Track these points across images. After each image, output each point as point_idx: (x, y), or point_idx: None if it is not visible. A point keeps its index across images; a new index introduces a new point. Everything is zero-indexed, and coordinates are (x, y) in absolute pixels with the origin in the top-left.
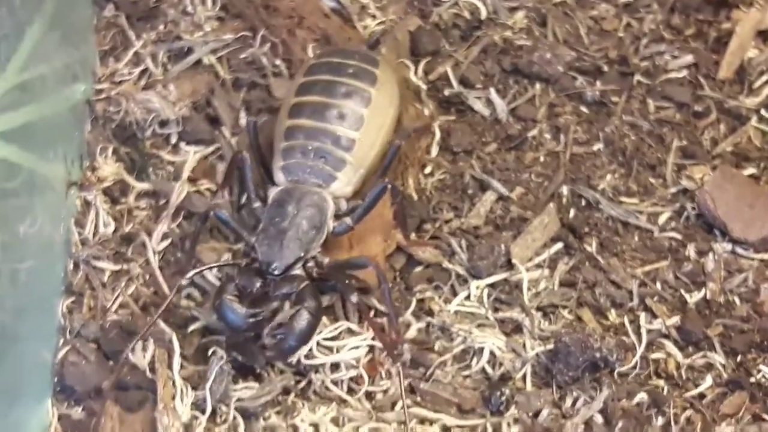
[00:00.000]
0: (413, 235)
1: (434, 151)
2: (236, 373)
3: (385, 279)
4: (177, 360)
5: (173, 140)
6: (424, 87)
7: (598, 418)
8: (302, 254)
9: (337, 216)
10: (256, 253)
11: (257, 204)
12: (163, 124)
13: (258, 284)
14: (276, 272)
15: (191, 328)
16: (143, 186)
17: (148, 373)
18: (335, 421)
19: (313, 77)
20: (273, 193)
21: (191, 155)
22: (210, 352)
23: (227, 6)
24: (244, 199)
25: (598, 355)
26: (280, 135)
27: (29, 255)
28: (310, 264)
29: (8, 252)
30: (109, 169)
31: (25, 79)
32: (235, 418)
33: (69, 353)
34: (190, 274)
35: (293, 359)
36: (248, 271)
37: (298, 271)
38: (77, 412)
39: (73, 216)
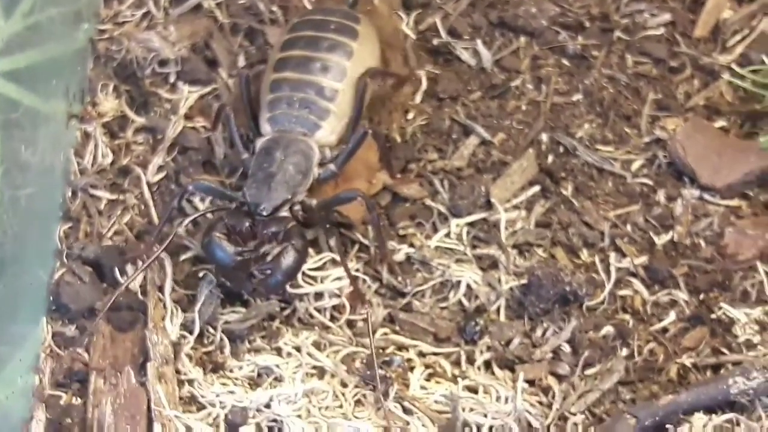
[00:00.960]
0: (398, 175)
1: (419, 97)
2: (224, 299)
3: (373, 207)
4: (169, 283)
5: (171, 79)
6: (413, 37)
7: (566, 348)
8: (289, 197)
9: (322, 164)
10: (245, 196)
11: (245, 155)
12: (163, 63)
13: (246, 224)
14: (264, 213)
15: (183, 256)
16: (141, 121)
17: (139, 295)
18: (317, 345)
19: (297, 33)
20: (260, 142)
21: (188, 94)
22: (200, 276)
23: None
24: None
25: (568, 288)
26: (266, 88)
27: (30, 182)
28: (297, 207)
29: (10, 178)
30: (109, 104)
31: (32, 21)
32: (221, 339)
33: (65, 274)
34: (186, 221)
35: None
36: (237, 212)
37: (285, 213)
38: (71, 330)
39: (72, 147)
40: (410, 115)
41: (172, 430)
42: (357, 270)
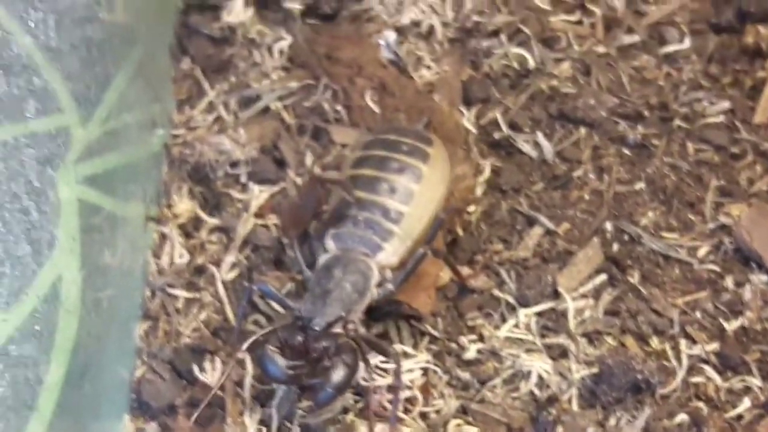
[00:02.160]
0: (465, 269)
1: (480, 189)
2: (301, 393)
3: (399, 380)
4: (248, 379)
5: (243, 180)
6: (474, 131)
7: None
8: (343, 314)
9: (380, 284)
10: (300, 310)
11: (308, 273)
12: (234, 165)
13: (299, 338)
14: (316, 327)
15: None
16: (215, 222)
17: (218, 391)
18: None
19: (368, 152)
20: (322, 259)
21: (258, 193)
22: None
23: (292, 57)
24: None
25: (640, 377)
26: (334, 205)
27: (110, 283)
28: (351, 326)
29: (91, 281)
30: (183, 206)
31: (109, 128)
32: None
33: (146, 372)
34: (246, 344)
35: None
36: (291, 327)
37: (338, 330)
38: (152, 427)
39: (150, 248)
40: (471, 208)
41: None
42: (428, 362)
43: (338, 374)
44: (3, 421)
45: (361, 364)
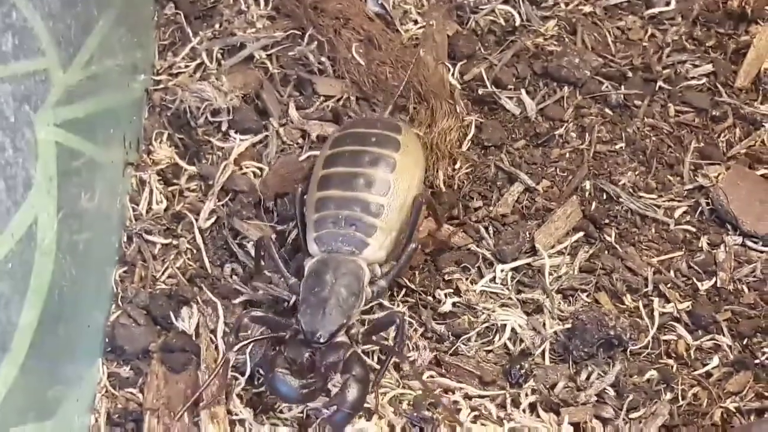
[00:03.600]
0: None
1: (465, 146)
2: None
3: (402, 335)
4: (221, 327)
5: (224, 128)
6: (458, 87)
7: (610, 391)
8: (344, 321)
9: (372, 281)
10: (299, 324)
11: (292, 280)
12: (215, 113)
13: (306, 355)
14: (321, 340)
15: (235, 301)
16: (194, 169)
17: (193, 338)
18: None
19: (338, 149)
20: (309, 263)
21: (239, 142)
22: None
23: (278, 6)
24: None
25: (612, 333)
26: (311, 207)
27: (87, 227)
28: (353, 331)
29: (68, 224)
30: (163, 153)
31: (91, 72)
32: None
33: (120, 317)
34: (237, 347)
35: None
36: (295, 343)
37: (341, 338)
38: (125, 371)
39: (128, 193)
40: (457, 165)
41: None
42: (403, 314)
43: (351, 394)
44: None
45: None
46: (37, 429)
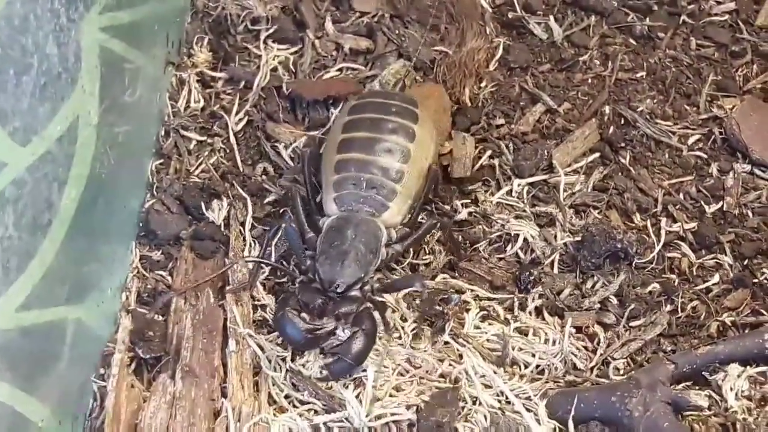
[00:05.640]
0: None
1: (492, 66)
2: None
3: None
4: (249, 220)
5: (261, 37)
6: (489, 10)
7: (614, 300)
8: (362, 275)
9: (388, 244)
10: (317, 272)
11: (310, 234)
12: (255, 21)
13: (319, 301)
14: (338, 290)
15: (267, 199)
16: (231, 73)
17: (221, 228)
18: (380, 282)
19: (359, 115)
20: (328, 220)
21: (276, 51)
22: (280, 214)
23: None
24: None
25: (619, 246)
26: (330, 168)
27: (127, 121)
28: (367, 287)
29: (110, 118)
30: (203, 56)
31: None
32: (293, 270)
33: (155, 204)
34: (250, 258)
35: None
36: (309, 288)
37: (356, 292)
38: (157, 255)
39: (168, 91)
40: (483, 83)
41: (245, 347)
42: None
43: (357, 344)
44: (18, 240)
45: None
46: (74, 305)
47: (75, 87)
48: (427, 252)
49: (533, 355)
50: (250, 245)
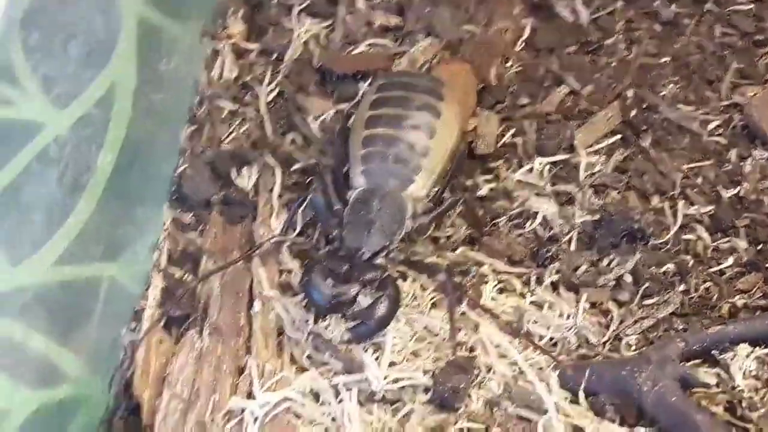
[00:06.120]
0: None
1: (519, 47)
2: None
3: (452, 290)
4: (277, 188)
5: (295, 10)
6: None
7: (628, 278)
8: (387, 243)
9: (412, 216)
10: (344, 240)
11: (337, 206)
12: None
13: (345, 268)
14: (364, 257)
15: (294, 167)
16: (264, 45)
17: (250, 195)
18: (402, 252)
19: (386, 93)
20: (355, 192)
21: (309, 24)
22: (307, 183)
23: None
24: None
25: (636, 226)
26: (357, 143)
27: (163, 88)
28: (392, 256)
29: (146, 84)
30: (237, 28)
31: None
32: (317, 238)
33: (187, 169)
34: (275, 239)
35: None
36: (335, 255)
37: (381, 260)
38: (188, 217)
39: (203, 60)
40: (509, 63)
41: (269, 308)
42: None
43: (381, 309)
44: (57, 198)
45: None
46: (109, 263)
47: (114, 54)
48: (449, 225)
49: (548, 328)
50: (278, 212)
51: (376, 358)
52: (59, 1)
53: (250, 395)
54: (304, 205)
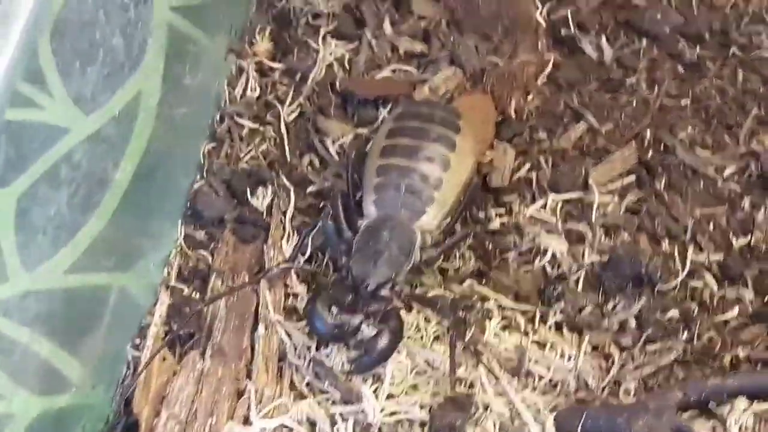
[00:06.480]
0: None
1: (541, 80)
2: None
3: (455, 325)
4: (290, 210)
5: (321, 32)
6: (543, 25)
7: (632, 322)
8: (393, 275)
9: (422, 248)
10: (350, 269)
11: (348, 233)
12: (316, 16)
13: (349, 297)
14: (368, 288)
15: (309, 189)
16: (289, 65)
17: (264, 215)
18: (409, 283)
19: (403, 122)
20: (366, 221)
21: (334, 48)
22: (320, 207)
23: None
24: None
25: (644, 270)
26: (371, 172)
27: (186, 102)
28: (398, 288)
29: (170, 97)
30: (263, 46)
31: None
32: (327, 263)
33: (203, 186)
34: (278, 267)
35: None
36: (341, 285)
37: (386, 292)
38: (200, 235)
39: (227, 77)
40: (530, 96)
41: (273, 332)
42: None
43: (383, 342)
44: (73, 206)
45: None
46: (120, 273)
47: (141, 63)
48: (458, 257)
49: (548, 369)
50: (289, 234)
51: (375, 390)
52: (90, 8)
53: (247, 420)
54: (315, 229)
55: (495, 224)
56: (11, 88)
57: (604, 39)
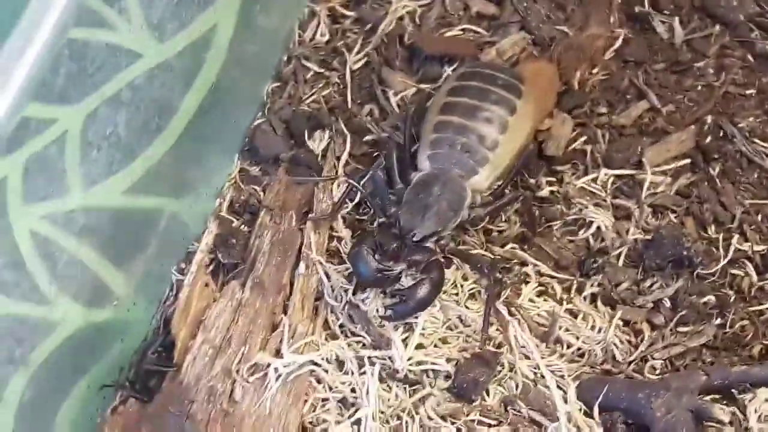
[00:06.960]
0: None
1: (608, 55)
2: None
3: (492, 285)
4: (345, 156)
5: None
6: (618, 0)
7: (667, 303)
8: (439, 229)
9: (471, 207)
10: (399, 219)
11: (400, 185)
12: None
13: (394, 245)
14: (414, 239)
15: (365, 138)
16: (360, 14)
17: (318, 158)
18: (453, 239)
19: (465, 82)
20: (419, 175)
21: (405, 0)
22: (374, 156)
23: None
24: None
25: (686, 253)
26: (429, 127)
27: (256, 40)
28: (443, 242)
29: (242, 34)
30: None
31: None
32: (374, 212)
33: (263, 124)
34: (315, 216)
35: None
36: (388, 232)
37: (430, 245)
38: (255, 170)
39: (299, 20)
40: (595, 70)
41: (313, 272)
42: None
43: (423, 291)
44: (137, 131)
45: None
46: (173, 199)
47: None
48: (503, 220)
49: (577, 338)
50: (340, 180)
51: (405, 339)
52: None
53: (278, 353)
54: (366, 177)
55: (544, 192)
56: (84, 6)
57: (677, 20)
